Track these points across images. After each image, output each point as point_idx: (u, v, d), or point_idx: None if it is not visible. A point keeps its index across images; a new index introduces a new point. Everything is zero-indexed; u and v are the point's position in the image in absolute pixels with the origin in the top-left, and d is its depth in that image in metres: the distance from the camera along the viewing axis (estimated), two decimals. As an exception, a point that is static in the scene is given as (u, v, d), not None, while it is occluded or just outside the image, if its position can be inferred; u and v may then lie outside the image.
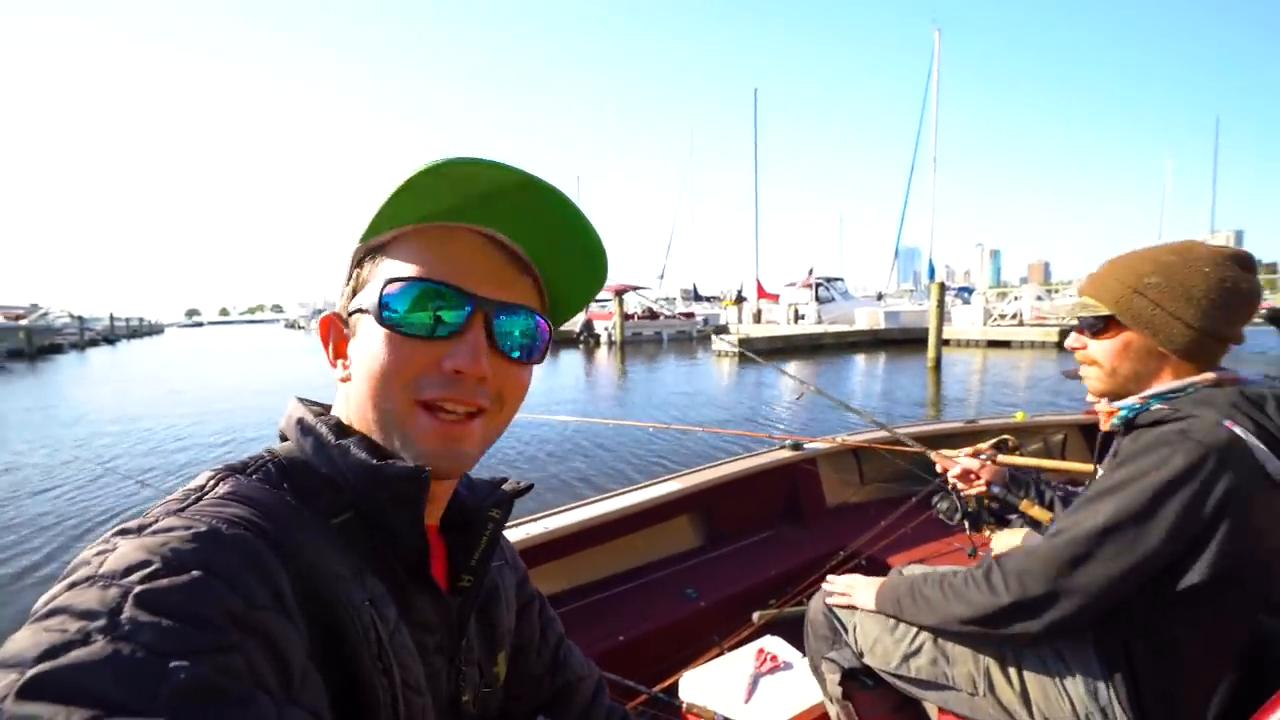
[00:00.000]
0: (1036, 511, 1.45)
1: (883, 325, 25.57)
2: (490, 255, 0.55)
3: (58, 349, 34.53)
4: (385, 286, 0.52)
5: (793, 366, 18.27)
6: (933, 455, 1.75)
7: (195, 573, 0.37)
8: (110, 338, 49.42)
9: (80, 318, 43.86)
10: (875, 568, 2.40)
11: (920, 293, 40.52)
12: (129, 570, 0.36)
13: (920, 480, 2.45)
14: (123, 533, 0.41)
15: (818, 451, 3.04)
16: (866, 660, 1.30)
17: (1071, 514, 1.03)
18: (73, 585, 0.36)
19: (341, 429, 0.55)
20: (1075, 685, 1.08)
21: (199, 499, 0.46)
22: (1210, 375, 1.03)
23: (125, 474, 6.20)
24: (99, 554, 0.39)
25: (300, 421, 0.55)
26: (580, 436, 8.04)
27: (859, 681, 1.33)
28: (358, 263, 0.57)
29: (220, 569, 0.39)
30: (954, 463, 1.62)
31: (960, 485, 1.60)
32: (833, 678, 1.35)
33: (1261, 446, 0.92)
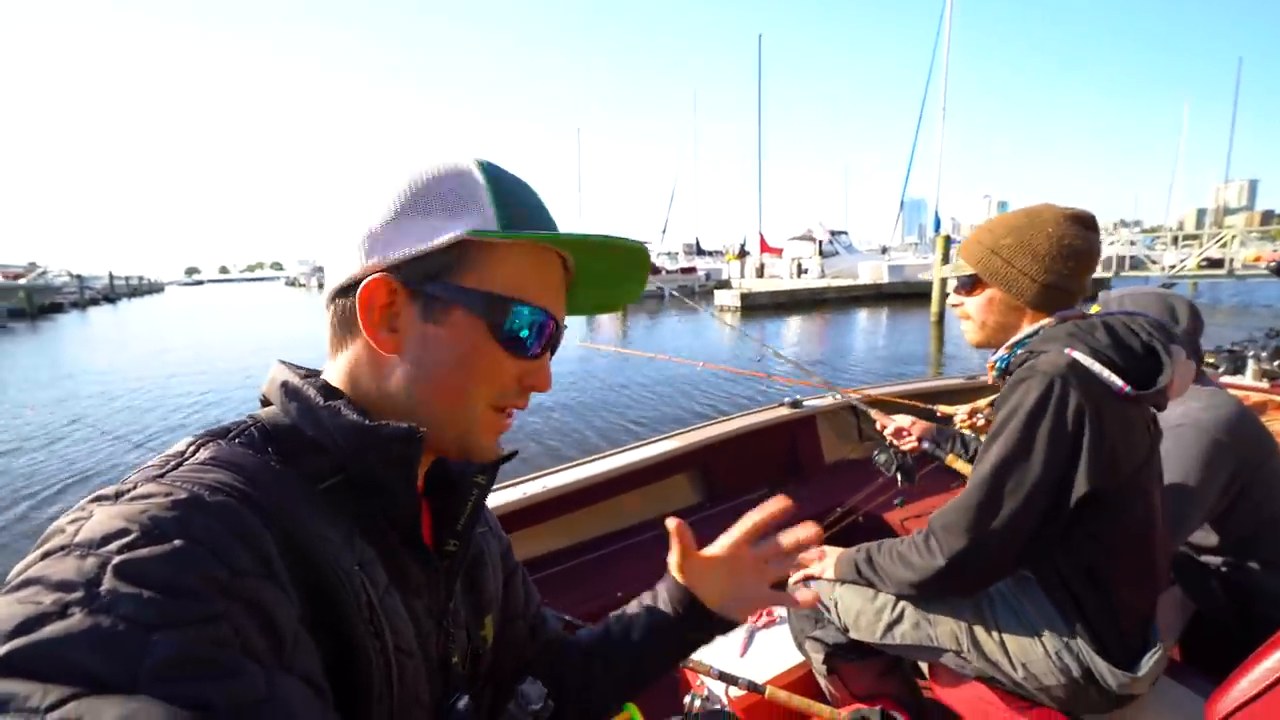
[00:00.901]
0: (960, 465, 1.64)
1: (886, 279, 25.35)
2: (560, 277, 0.59)
3: (58, 308, 34.57)
4: (510, 305, 0.53)
5: (794, 321, 18.20)
6: (873, 414, 1.91)
7: (177, 541, 0.36)
8: (111, 296, 49.36)
9: (80, 276, 43.67)
10: (872, 524, 2.42)
11: (925, 246, 39.95)
12: (106, 539, 0.35)
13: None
14: (99, 499, 0.39)
15: (816, 409, 3.04)
16: (852, 635, 1.33)
17: (976, 463, 1.13)
18: (46, 554, 0.35)
19: (329, 391, 0.53)
20: (1040, 626, 1.14)
21: (179, 465, 0.44)
22: (1052, 319, 1.18)
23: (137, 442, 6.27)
24: (73, 522, 0.37)
25: (285, 384, 0.53)
26: (585, 381, 8.10)
27: (843, 656, 1.36)
28: (457, 244, 0.51)
29: (203, 536, 0.37)
30: (890, 420, 1.80)
31: (895, 441, 1.78)
32: (817, 656, 1.39)
33: (1097, 365, 1.04)
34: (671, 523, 0.74)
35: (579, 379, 8.35)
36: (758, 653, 1.65)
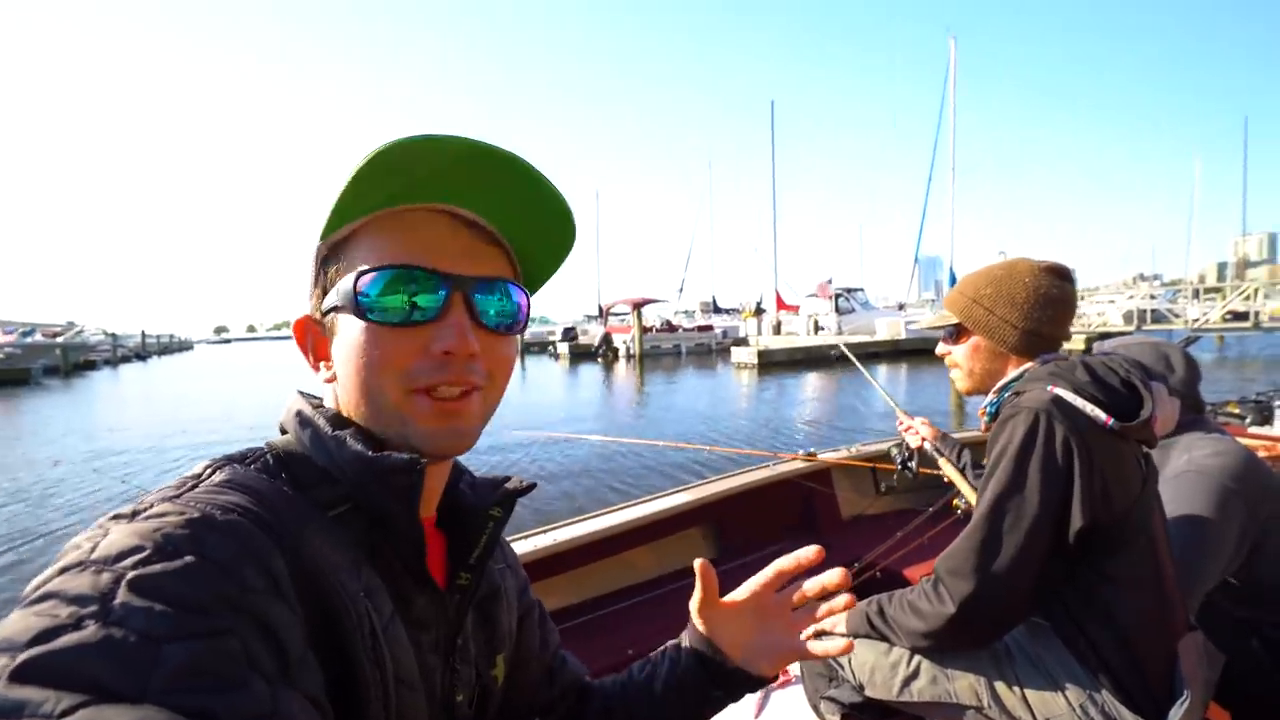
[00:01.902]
0: (949, 469, 1.79)
1: (904, 335, 25.26)
2: (456, 231, 0.54)
3: (92, 365, 35.53)
4: (359, 279, 0.51)
5: (811, 377, 18.11)
6: (895, 408, 2.10)
7: (189, 558, 0.37)
8: (142, 354, 50.60)
9: (114, 335, 45.26)
10: (891, 580, 2.35)
11: (940, 303, 39.85)
12: (121, 555, 0.36)
13: (938, 491, 2.40)
14: (116, 518, 0.40)
15: (831, 462, 3.00)
16: (868, 693, 1.28)
17: (975, 506, 1.13)
18: (64, 570, 0.36)
19: (339, 421, 0.54)
20: (1062, 677, 1.10)
21: (195, 486, 0.45)
22: (1035, 363, 1.23)
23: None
24: (90, 539, 0.38)
25: (299, 414, 0.55)
26: (599, 451, 8.05)
27: (860, 718, 1.31)
28: (323, 261, 0.55)
29: (214, 554, 0.38)
30: (907, 418, 2.01)
31: (904, 436, 2.00)
32: (833, 718, 1.34)
33: (1080, 400, 1.07)
34: (698, 562, 0.69)
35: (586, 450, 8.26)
36: (772, 714, 1.59)
